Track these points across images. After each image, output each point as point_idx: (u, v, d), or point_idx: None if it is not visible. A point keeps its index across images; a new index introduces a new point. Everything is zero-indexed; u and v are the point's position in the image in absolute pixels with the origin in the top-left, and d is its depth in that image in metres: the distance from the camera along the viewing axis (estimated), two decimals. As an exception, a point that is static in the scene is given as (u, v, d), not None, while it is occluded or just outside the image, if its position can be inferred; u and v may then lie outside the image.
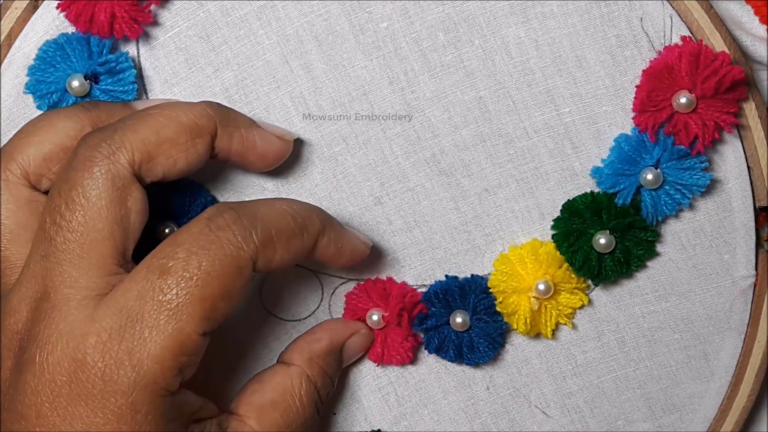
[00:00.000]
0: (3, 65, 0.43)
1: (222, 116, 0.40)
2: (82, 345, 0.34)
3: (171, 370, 0.35)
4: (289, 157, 0.43)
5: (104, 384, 0.34)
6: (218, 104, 0.40)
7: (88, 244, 0.36)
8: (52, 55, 0.42)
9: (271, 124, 0.43)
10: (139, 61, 0.43)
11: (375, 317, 0.45)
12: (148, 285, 0.35)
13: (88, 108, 0.40)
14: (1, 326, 0.36)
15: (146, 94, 0.44)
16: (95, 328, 0.35)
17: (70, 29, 0.42)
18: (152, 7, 0.42)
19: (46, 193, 0.39)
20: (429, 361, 0.47)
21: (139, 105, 0.42)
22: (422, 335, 0.46)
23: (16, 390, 0.35)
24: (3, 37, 0.43)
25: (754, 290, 0.45)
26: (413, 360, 0.46)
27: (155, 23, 0.43)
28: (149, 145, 0.37)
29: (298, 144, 0.44)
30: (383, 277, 0.45)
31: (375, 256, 0.46)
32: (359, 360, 0.46)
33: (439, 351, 0.45)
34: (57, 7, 0.42)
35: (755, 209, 0.45)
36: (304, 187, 0.45)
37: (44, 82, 0.42)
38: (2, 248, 0.38)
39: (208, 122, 0.39)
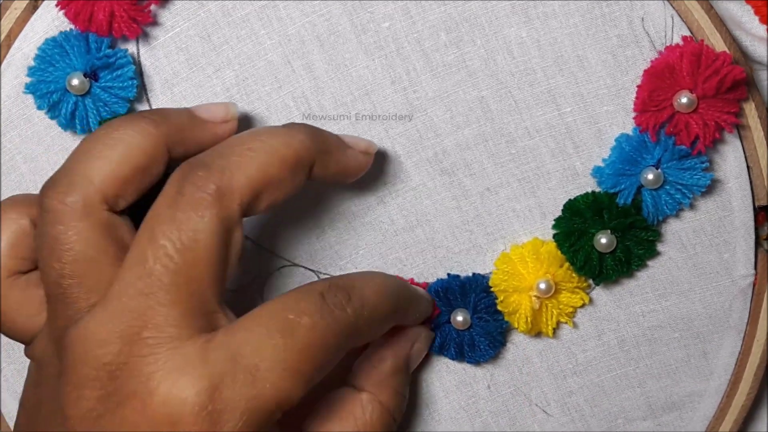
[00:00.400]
0: (2, 66, 0.43)
1: (318, 144, 0.39)
2: (194, 387, 0.34)
3: (270, 421, 0.35)
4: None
5: (210, 428, 0.34)
6: (312, 130, 0.39)
7: (195, 286, 0.35)
8: (50, 53, 0.42)
9: (355, 137, 0.43)
10: (139, 61, 0.43)
11: None
12: (269, 342, 0.35)
13: (157, 122, 0.39)
14: (86, 354, 0.35)
15: (146, 94, 0.43)
16: (208, 371, 0.34)
17: (69, 29, 0.42)
18: (152, 6, 0.42)
19: (119, 213, 0.38)
20: (430, 359, 0.47)
21: (202, 112, 0.41)
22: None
23: (110, 422, 0.34)
24: (2, 37, 0.42)
25: (753, 289, 0.46)
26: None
27: (155, 23, 0.43)
28: (256, 185, 0.37)
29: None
30: (386, 276, 0.46)
31: (377, 255, 0.46)
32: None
33: (441, 349, 0.45)
34: (56, 5, 0.42)
35: (755, 208, 0.45)
36: (307, 188, 0.45)
37: (44, 81, 0.42)
38: (80, 274, 0.37)
39: (308, 154, 0.39)
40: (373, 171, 0.45)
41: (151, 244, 0.35)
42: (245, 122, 0.44)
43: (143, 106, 0.44)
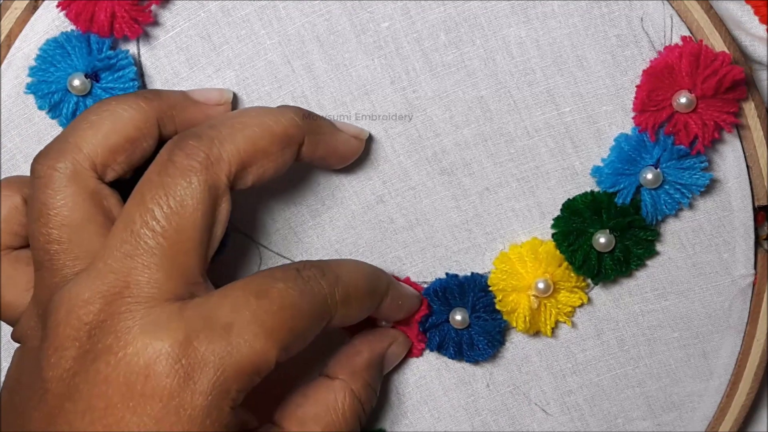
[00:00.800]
0: (3, 66, 0.43)
1: (308, 124, 0.40)
2: (168, 339, 0.34)
3: (246, 384, 0.35)
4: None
5: (185, 382, 0.34)
6: (303, 111, 0.41)
7: (179, 252, 0.36)
8: (52, 53, 0.42)
9: (346, 123, 0.44)
10: (139, 60, 0.43)
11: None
12: (244, 302, 0.35)
13: (150, 98, 0.40)
14: (68, 315, 0.35)
15: (147, 93, 0.44)
16: (183, 326, 0.35)
17: (70, 29, 0.42)
18: (153, 7, 0.42)
19: (108, 184, 0.39)
20: (429, 358, 0.47)
21: (196, 95, 0.42)
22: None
23: (84, 379, 0.35)
24: (2, 37, 0.43)
25: (753, 289, 0.46)
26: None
27: (156, 23, 0.43)
28: (245, 156, 0.37)
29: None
30: (385, 276, 0.46)
31: (377, 254, 0.46)
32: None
33: (440, 348, 0.46)
34: (57, 6, 0.42)
35: (754, 208, 0.45)
36: (307, 186, 0.45)
37: (45, 81, 0.42)
38: (67, 239, 0.37)
39: (297, 132, 0.39)
40: (373, 170, 0.45)
41: (140, 207, 0.36)
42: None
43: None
